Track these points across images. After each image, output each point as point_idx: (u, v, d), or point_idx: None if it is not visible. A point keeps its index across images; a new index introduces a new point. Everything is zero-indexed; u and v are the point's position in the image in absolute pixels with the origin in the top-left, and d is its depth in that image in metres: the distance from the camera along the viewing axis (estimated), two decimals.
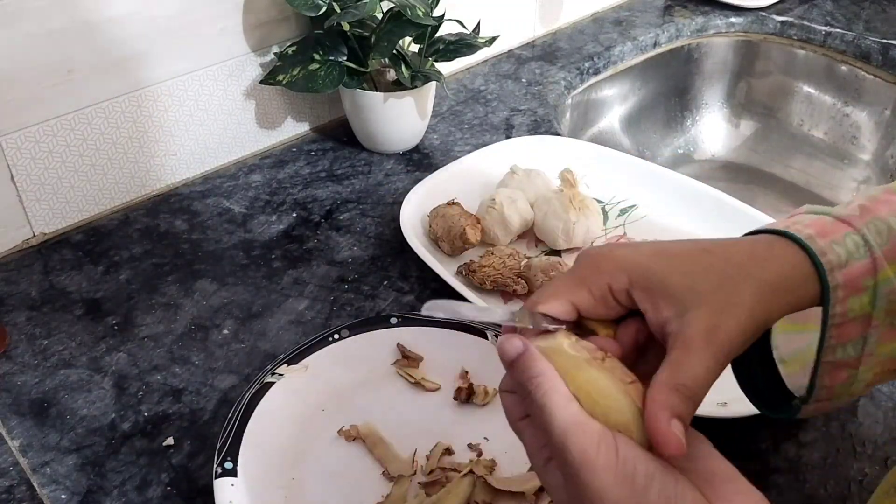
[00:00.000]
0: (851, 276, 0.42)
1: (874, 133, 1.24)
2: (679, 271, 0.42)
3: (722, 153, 1.35)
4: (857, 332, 0.43)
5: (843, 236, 0.43)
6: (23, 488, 0.61)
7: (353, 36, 0.89)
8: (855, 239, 0.43)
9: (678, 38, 1.28)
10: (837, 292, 0.42)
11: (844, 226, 0.43)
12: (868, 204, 0.44)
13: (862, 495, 0.60)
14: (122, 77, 0.83)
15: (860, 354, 0.43)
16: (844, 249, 0.42)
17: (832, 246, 0.42)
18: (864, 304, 0.42)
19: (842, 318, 0.42)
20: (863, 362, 0.44)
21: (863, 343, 0.43)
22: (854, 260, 0.42)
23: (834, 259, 0.42)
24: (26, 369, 0.70)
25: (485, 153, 0.91)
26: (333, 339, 0.68)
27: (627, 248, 0.44)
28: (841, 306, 0.42)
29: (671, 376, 0.40)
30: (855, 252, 0.42)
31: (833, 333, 0.43)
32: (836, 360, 0.43)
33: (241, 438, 0.59)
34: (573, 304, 0.43)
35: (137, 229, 0.86)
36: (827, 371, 0.44)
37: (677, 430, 0.38)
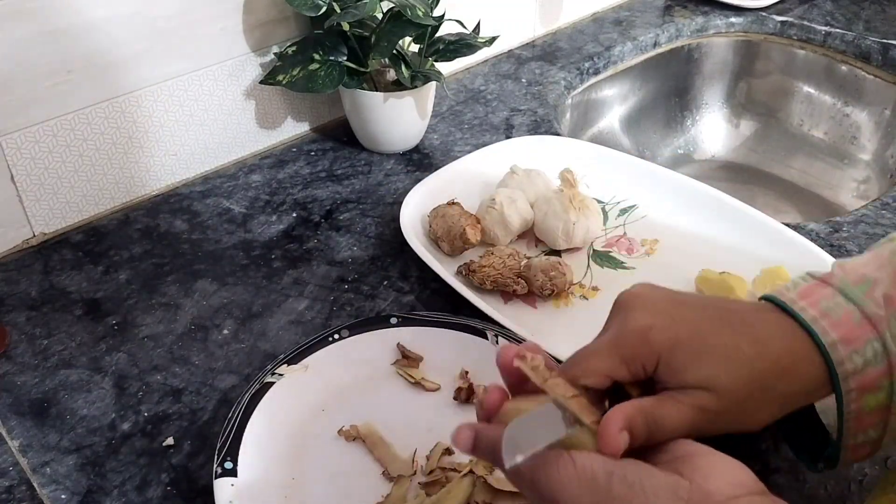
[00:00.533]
0: (865, 381, 0.44)
1: (874, 133, 1.24)
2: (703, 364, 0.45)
3: (722, 153, 1.35)
4: (877, 419, 0.45)
5: (865, 344, 0.45)
6: (23, 488, 0.61)
7: (353, 36, 0.89)
8: (875, 347, 0.45)
9: (678, 38, 1.28)
10: (851, 395, 0.45)
11: (869, 329, 0.45)
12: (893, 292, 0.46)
13: (862, 495, 0.60)
14: (122, 77, 0.83)
15: (882, 434, 0.46)
16: (863, 359, 0.45)
17: (852, 356, 0.45)
18: (881, 399, 0.45)
19: (857, 413, 0.45)
20: (886, 437, 0.46)
21: (884, 426, 0.45)
22: (870, 366, 0.44)
23: (850, 368, 0.45)
24: (26, 369, 0.70)
25: (485, 153, 0.91)
26: (333, 339, 0.68)
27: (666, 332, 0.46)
28: (855, 405, 0.45)
29: (646, 403, 0.44)
30: (873, 360, 0.45)
31: (851, 425, 0.45)
32: (857, 442, 0.46)
33: (241, 438, 0.59)
34: (611, 379, 0.46)
35: (137, 229, 0.86)
36: (850, 450, 0.47)
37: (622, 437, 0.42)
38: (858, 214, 0.89)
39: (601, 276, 0.80)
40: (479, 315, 0.70)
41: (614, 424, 0.42)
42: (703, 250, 0.82)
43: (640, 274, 0.81)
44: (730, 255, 0.80)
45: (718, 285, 0.76)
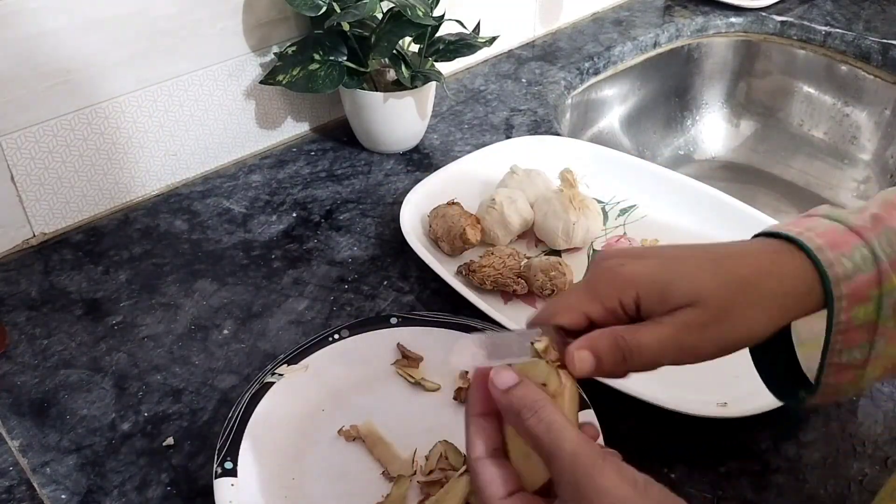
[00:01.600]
0: (856, 287, 0.43)
1: (874, 133, 1.24)
2: (684, 280, 0.44)
3: (722, 153, 1.35)
4: (864, 337, 0.44)
5: (852, 248, 0.44)
6: (23, 488, 0.61)
7: (353, 36, 0.89)
8: (863, 252, 0.44)
9: (678, 38, 1.28)
10: (841, 302, 0.43)
11: (855, 237, 0.44)
12: (881, 213, 0.45)
13: (862, 495, 0.60)
14: (122, 77, 0.83)
15: (867, 357, 0.44)
16: (852, 262, 0.43)
17: (840, 258, 0.43)
18: (869, 312, 0.43)
19: (846, 326, 0.43)
20: (870, 363, 0.45)
21: (869, 347, 0.44)
22: (860, 272, 0.43)
23: (840, 271, 0.43)
24: (26, 369, 0.70)
25: (485, 153, 0.91)
26: (333, 339, 0.68)
27: (637, 264, 0.46)
28: (845, 314, 0.43)
29: (618, 328, 0.44)
30: (862, 265, 0.43)
31: (838, 339, 0.44)
32: (842, 361, 0.45)
33: (241, 438, 0.59)
34: (586, 316, 0.45)
35: (137, 229, 0.86)
36: (833, 372, 0.45)
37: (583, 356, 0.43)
38: None
39: None
40: (479, 315, 0.70)
41: (575, 345, 0.43)
42: None
43: None
44: None
45: None
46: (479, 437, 0.45)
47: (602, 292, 0.45)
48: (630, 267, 0.45)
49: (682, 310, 0.43)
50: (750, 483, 0.61)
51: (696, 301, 0.43)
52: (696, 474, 0.62)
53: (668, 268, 0.45)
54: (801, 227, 0.45)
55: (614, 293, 0.45)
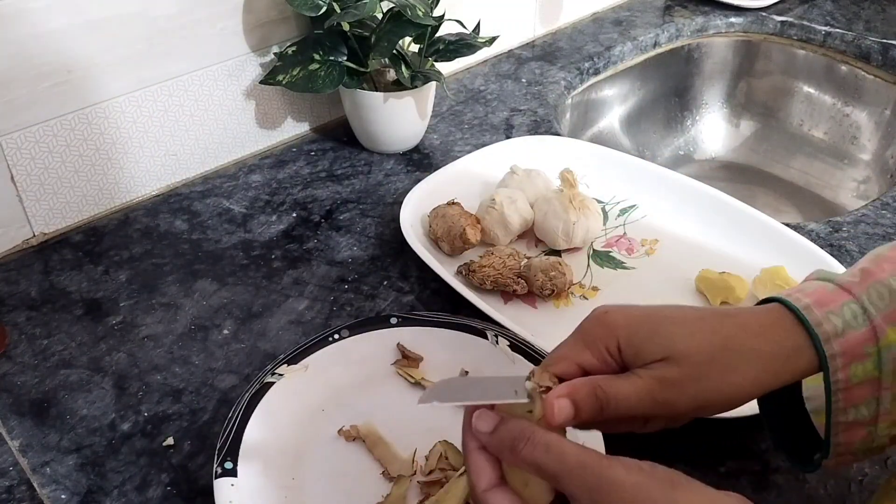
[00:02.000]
0: (850, 344, 0.43)
1: (874, 133, 1.24)
2: (661, 335, 0.44)
3: (722, 153, 1.35)
4: (868, 393, 0.43)
5: (841, 306, 0.43)
6: (23, 488, 0.61)
7: (353, 36, 0.89)
8: (853, 308, 0.43)
9: (678, 38, 1.28)
10: (836, 360, 0.43)
11: (844, 294, 0.44)
12: (871, 267, 0.45)
13: (862, 495, 0.60)
14: (122, 77, 0.83)
15: (875, 414, 0.44)
16: (841, 320, 0.43)
17: (829, 316, 0.43)
18: (869, 369, 0.43)
19: (846, 384, 0.43)
20: (880, 420, 0.44)
21: (876, 403, 0.44)
22: (851, 329, 0.43)
23: (830, 329, 0.43)
24: (26, 369, 0.70)
25: (485, 153, 0.91)
26: (333, 339, 0.68)
27: (621, 312, 0.46)
28: (843, 373, 0.43)
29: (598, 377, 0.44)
30: (853, 321, 0.43)
31: (840, 398, 0.43)
32: (849, 420, 0.44)
33: (241, 438, 0.59)
34: (579, 365, 0.46)
35: (137, 229, 0.86)
36: (842, 430, 0.45)
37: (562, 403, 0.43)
38: (858, 214, 0.89)
39: (601, 276, 0.80)
40: (479, 315, 0.70)
41: (555, 393, 0.43)
42: (703, 250, 0.82)
43: (640, 274, 0.81)
44: (730, 255, 0.80)
45: (718, 285, 0.76)
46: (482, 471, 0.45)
47: (589, 340, 0.46)
48: (613, 315, 0.46)
49: (659, 363, 0.43)
50: (750, 483, 0.61)
51: (670, 357, 0.43)
52: (696, 474, 0.61)
53: (650, 320, 0.45)
54: (792, 291, 0.45)
55: (601, 343, 0.45)
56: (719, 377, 0.43)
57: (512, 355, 0.66)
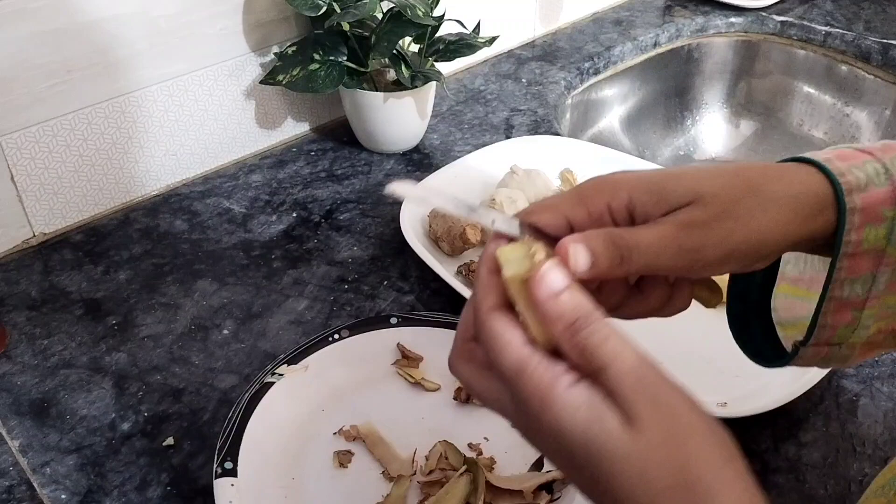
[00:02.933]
0: (870, 201, 0.40)
1: (874, 133, 1.24)
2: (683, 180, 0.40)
3: (722, 153, 1.34)
4: (869, 266, 0.41)
5: (864, 162, 0.41)
6: (23, 488, 0.61)
7: (353, 36, 0.89)
8: (876, 166, 0.41)
9: (678, 38, 1.28)
10: (854, 217, 0.40)
11: (866, 154, 0.42)
12: (891, 143, 0.43)
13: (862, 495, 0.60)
14: (122, 77, 0.83)
15: (867, 295, 0.42)
16: (864, 174, 0.40)
17: (851, 169, 0.41)
18: (880, 236, 0.40)
19: (855, 248, 0.40)
20: (868, 304, 0.42)
21: (872, 281, 0.41)
22: (874, 186, 0.40)
23: (853, 180, 0.40)
24: (26, 369, 0.70)
25: (485, 153, 0.91)
26: (333, 339, 0.68)
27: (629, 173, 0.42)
28: (857, 234, 0.40)
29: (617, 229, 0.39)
30: (875, 178, 0.40)
31: (844, 265, 0.41)
32: (842, 297, 0.42)
33: (241, 438, 0.59)
34: (567, 220, 0.41)
35: (137, 229, 0.86)
36: (832, 309, 0.42)
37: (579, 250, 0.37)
38: None
39: None
40: None
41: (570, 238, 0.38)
42: None
43: None
44: None
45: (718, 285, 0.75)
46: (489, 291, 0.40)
47: (589, 197, 0.41)
48: (621, 175, 0.41)
49: (683, 209, 0.39)
50: None
51: (697, 199, 0.39)
52: None
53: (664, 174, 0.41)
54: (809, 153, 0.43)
55: (602, 197, 0.40)
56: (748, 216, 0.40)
57: None
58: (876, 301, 0.42)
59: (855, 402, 0.67)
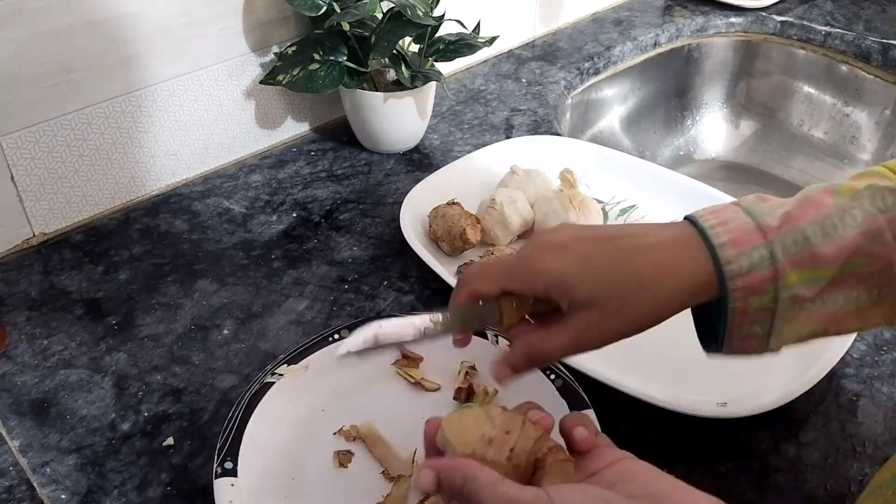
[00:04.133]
0: (750, 283, 0.47)
1: (874, 133, 1.24)
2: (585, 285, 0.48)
3: (722, 153, 1.35)
4: (762, 318, 0.47)
5: (753, 249, 0.47)
6: (23, 488, 0.61)
7: (353, 36, 0.89)
8: (762, 252, 0.47)
9: (678, 38, 1.28)
10: (735, 294, 0.47)
11: (760, 236, 0.47)
12: (794, 211, 0.48)
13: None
14: (122, 77, 0.83)
15: (768, 332, 0.48)
16: (749, 262, 0.46)
17: (739, 256, 0.47)
18: (765, 302, 0.47)
19: (742, 310, 0.47)
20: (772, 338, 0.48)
21: (770, 325, 0.48)
22: (756, 271, 0.46)
23: (736, 268, 0.46)
24: (26, 369, 0.70)
25: (485, 153, 0.91)
26: (333, 339, 0.68)
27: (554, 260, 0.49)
28: (740, 303, 0.47)
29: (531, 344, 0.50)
30: (759, 264, 0.46)
31: (736, 320, 0.48)
32: (742, 334, 0.48)
33: (241, 438, 0.59)
34: (502, 290, 0.51)
35: (137, 229, 0.86)
36: (736, 339, 0.49)
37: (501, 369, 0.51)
38: None
39: None
40: None
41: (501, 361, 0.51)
42: None
43: None
44: None
45: None
46: None
47: (518, 278, 0.50)
48: (547, 263, 0.49)
49: (582, 311, 0.48)
50: (750, 483, 0.61)
51: (593, 302, 0.48)
52: (696, 474, 0.62)
53: (578, 268, 0.49)
54: (717, 220, 0.48)
55: (527, 283, 0.50)
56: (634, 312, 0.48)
57: None
58: (778, 338, 0.48)
59: (855, 402, 0.67)
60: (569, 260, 0.49)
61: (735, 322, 0.48)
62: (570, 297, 0.49)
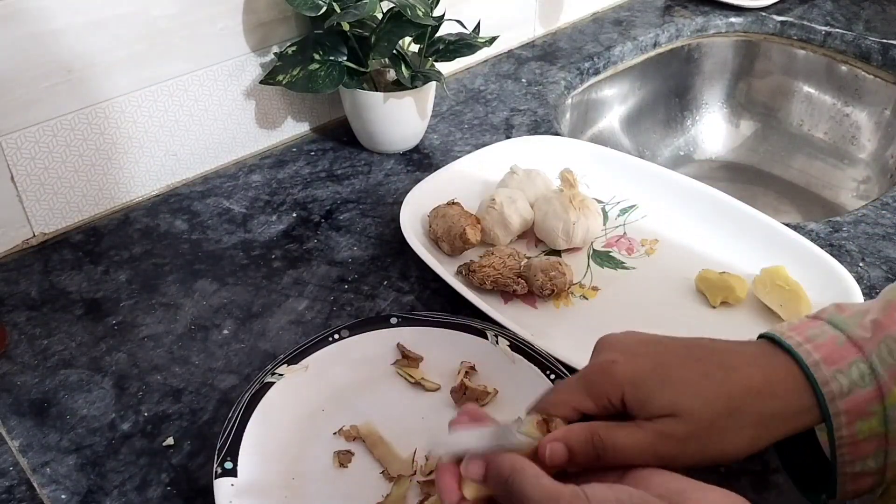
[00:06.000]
0: (854, 403, 0.43)
1: (874, 133, 1.24)
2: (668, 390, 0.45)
3: (722, 153, 1.35)
4: (874, 447, 0.43)
5: (850, 365, 0.43)
6: (23, 488, 0.61)
7: (353, 36, 0.89)
8: (861, 368, 0.43)
9: (678, 38, 1.28)
10: (840, 418, 0.43)
11: (855, 351, 0.44)
12: (882, 318, 0.44)
13: (863, 497, 0.60)
14: (122, 77, 0.83)
15: (883, 465, 0.44)
16: (848, 380, 0.43)
17: (836, 375, 0.43)
18: (874, 426, 0.43)
19: (851, 440, 0.43)
20: (888, 470, 0.44)
21: (884, 456, 0.43)
22: (857, 388, 0.43)
23: (836, 389, 0.43)
24: (26, 369, 0.70)
25: (485, 153, 0.91)
26: (333, 339, 0.68)
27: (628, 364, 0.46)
28: (847, 430, 0.43)
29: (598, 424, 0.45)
30: (860, 381, 0.43)
31: (846, 451, 0.43)
32: (856, 471, 0.44)
33: (241, 438, 0.59)
34: (577, 411, 0.47)
35: (137, 229, 0.86)
36: (850, 479, 0.44)
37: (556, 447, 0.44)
38: (858, 214, 0.89)
39: (601, 276, 0.80)
40: (479, 315, 0.70)
41: (551, 436, 0.44)
42: (703, 250, 0.82)
43: (640, 274, 0.81)
44: (730, 255, 0.80)
45: (718, 285, 0.76)
46: None
47: (593, 391, 0.47)
48: (621, 367, 0.46)
49: (664, 419, 0.44)
50: (750, 483, 0.61)
51: (677, 413, 0.44)
52: (696, 474, 0.61)
53: (657, 373, 0.45)
54: (802, 336, 0.45)
55: (604, 392, 0.46)
56: (723, 437, 0.44)
57: (512, 355, 0.66)
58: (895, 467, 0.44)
59: None
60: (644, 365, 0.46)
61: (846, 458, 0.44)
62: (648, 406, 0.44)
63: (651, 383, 0.45)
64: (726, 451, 0.44)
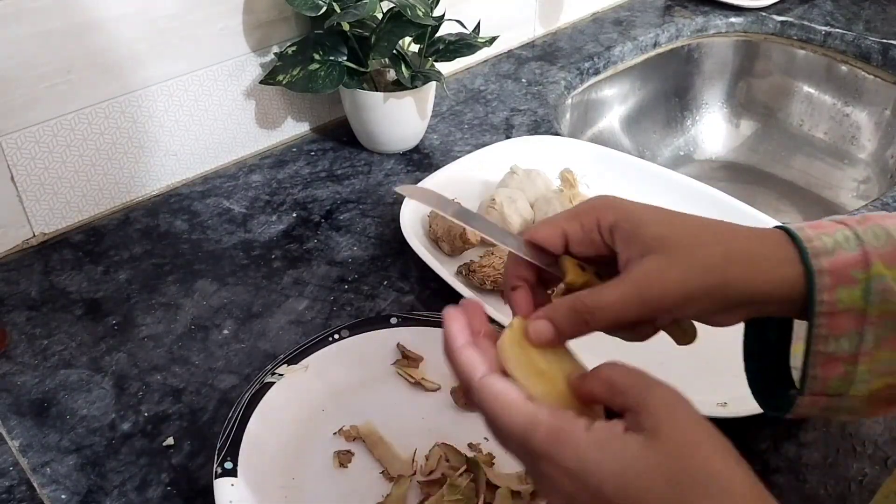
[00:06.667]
0: (838, 264, 0.41)
1: (874, 133, 1.24)
2: (659, 222, 0.44)
3: (722, 153, 1.35)
4: (851, 325, 0.42)
5: (835, 230, 0.43)
6: (23, 488, 0.61)
7: (353, 36, 0.89)
8: (846, 233, 0.42)
9: (678, 38, 1.28)
10: (823, 278, 0.41)
11: (840, 225, 0.43)
12: (872, 215, 0.44)
13: (862, 495, 0.60)
14: (122, 77, 0.83)
15: (856, 351, 0.42)
16: (833, 240, 0.42)
17: (820, 236, 0.42)
18: (856, 297, 0.41)
19: (830, 307, 0.41)
20: (861, 360, 0.42)
21: (859, 339, 0.42)
22: (842, 249, 0.42)
23: (819, 245, 0.42)
24: (26, 369, 0.70)
25: (485, 153, 0.91)
26: (333, 339, 0.68)
27: (624, 200, 0.46)
28: (829, 294, 0.41)
29: (578, 297, 0.43)
30: (844, 243, 0.42)
31: (822, 322, 0.42)
32: (828, 351, 0.42)
33: (241, 438, 0.59)
34: (564, 234, 0.46)
35: (137, 229, 0.86)
36: (820, 361, 0.43)
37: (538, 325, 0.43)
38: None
39: None
40: None
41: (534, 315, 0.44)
42: None
43: None
44: None
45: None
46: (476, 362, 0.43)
47: (583, 213, 0.46)
48: (618, 199, 0.46)
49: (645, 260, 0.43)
50: None
51: (661, 245, 0.43)
52: None
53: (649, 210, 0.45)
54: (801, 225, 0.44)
55: (595, 213, 0.45)
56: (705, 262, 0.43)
57: None
58: (868, 357, 0.42)
59: None
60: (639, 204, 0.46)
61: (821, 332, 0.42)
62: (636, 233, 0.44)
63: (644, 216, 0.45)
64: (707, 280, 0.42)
